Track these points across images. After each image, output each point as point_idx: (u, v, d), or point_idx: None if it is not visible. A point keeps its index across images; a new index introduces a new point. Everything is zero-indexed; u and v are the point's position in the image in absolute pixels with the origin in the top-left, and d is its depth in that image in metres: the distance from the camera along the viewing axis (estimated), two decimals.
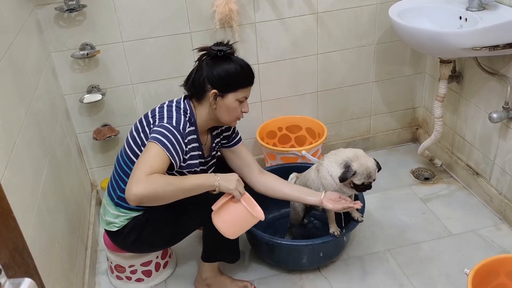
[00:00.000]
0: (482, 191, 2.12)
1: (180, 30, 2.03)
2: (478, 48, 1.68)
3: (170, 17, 2.00)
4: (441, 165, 2.37)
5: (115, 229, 1.58)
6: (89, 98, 2.02)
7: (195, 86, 1.52)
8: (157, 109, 1.52)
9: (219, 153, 1.73)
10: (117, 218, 1.58)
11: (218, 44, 1.51)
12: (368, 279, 1.79)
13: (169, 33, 2.02)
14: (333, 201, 1.62)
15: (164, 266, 1.85)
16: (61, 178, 1.74)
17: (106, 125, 2.14)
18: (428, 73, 2.40)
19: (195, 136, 1.52)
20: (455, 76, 2.13)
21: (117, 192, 1.57)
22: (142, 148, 1.47)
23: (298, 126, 2.37)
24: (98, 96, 2.02)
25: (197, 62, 1.54)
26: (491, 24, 1.65)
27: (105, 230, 1.64)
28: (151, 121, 1.49)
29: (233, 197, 1.44)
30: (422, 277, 1.78)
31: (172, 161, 1.40)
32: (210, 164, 1.66)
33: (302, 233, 2.00)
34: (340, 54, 2.26)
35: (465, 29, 1.84)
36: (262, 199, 2.01)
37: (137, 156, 1.49)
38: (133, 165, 1.50)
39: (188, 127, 1.48)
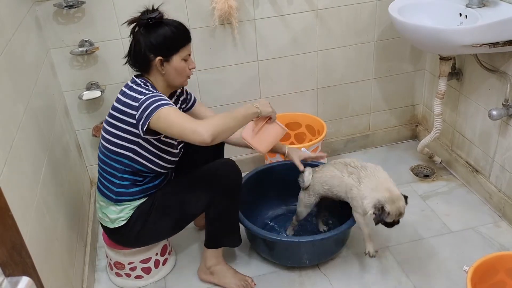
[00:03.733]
0: (481, 188, 2.12)
1: None
2: (478, 45, 1.67)
3: (169, 13, 1.97)
4: (440, 162, 2.37)
5: (123, 222, 1.58)
6: (88, 95, 2.01)
7: (139, 60, 1.53)
8: (121, 97, 1.50)
9: None
10: (122, 212, 1.58)
11: (145, 12, 1.51)
12: (367, 276, 1.79)
13: None
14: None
15: (164, 263, 1.85)
16: (60, 175, 1.73)
17: None
18: (428, 70, 2.39)
19: None
20: (455, 73, 2.12)
21: (113, 190, 1.57)
22: (125, 136, 1.48)
23: (298, 123, 2.37)
24: (97, 93, 2.02)
25: (131, 36, 1.53)
26: (491, 21, 1.65)
27: (109, 229, 1.63)
28: (128, 108, 1.46)
29: (269, 119, 1.61)
30: (421, 274, 1.78)
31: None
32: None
33: (304, 229, 2.00)
34: (340, 51, 2.26)
35: (465, 26, 1.83)
36: (265, 197, 2.05)
37: (119, 146, 1.50)
38: (116, 157, 1.52)
39: (157, 92, 1.51)
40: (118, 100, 1.51)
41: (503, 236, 1.92)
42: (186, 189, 1.62)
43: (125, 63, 1.57)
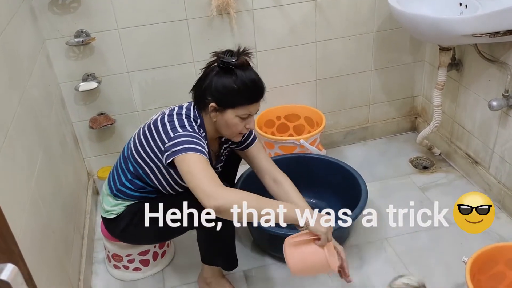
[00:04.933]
0: (481, 180, 2.11)
1: (176, 17, 2.00)
2: (478, 35, 1.65)
3: (166, 4, 1.96)
4: (439, 154, 2.36)
5: (112, 216, 1.57)
6: (84, 86, 1.99)
7: (197, 95, 1.44)
8: (166, 117, 1.42)
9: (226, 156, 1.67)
10: (116, 206, 1.56)
11: (227, 52, 1.39)
12: (366, 267, 1.79)
13: (165, 20, 1.99)
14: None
15: (162, 256, 1.84)
16: (57, 167, 1.72)
17: (102, 113, 2.12)
18: (428, 61, 2.38)
19: (206, 143, 1.45)
20: (455, 64, 2.10)
21: (117, 184, 1.55)
22: (150, 154, 1.43)
23: (297, 115, 2.35)
24: (93, 84, 2.00)
25: (204, 69, 1.44)
26: (491, 10, 1.63)
27: (102, 217, 1.62)
28: (164, 133, 1.37)
29: (317, 239, 1.31)
30: (420, 265, 1.77)
31: (205, 155, 1.31)
32: (217, 171, 1.60)
33: None
34: (339, 42, 2.23)
35: (465, 15, 1.82)
36: (264, 186, 2.02)
37: (141, 157, 1.45)
38: (134, 164, 1.49)
39: (200, 133, 1.41)
40: (162, 118, 1.43)
41: (502, 228, 1.91)
42: (176, 201, 1.45)
43: (190, 91, 1.48)
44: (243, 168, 1.86)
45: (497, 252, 1.43)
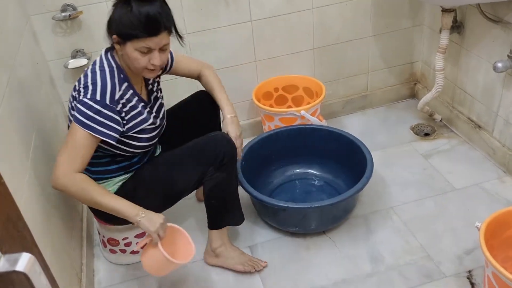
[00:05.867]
0: (484, 144, 2.08)
1: None
2: None
3: None
4: (441, 120, 2.32)
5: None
6: (74, 63, 1.90)
7: (106, 31, 1.40)
8: (82, 78, 1.38)
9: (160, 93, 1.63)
10: (109, 188, 1.50)
11: None
12: (373, 237, 1.76)
13: None
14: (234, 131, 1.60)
15: None
16: (51, 148, 1.65)
17: None
18: (427, 25, 2.31)
19: (131, 91, 1.42)
20: (456, 27, 2.04)
21: (90, 169, 1.47)
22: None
23: (295, 86, 2.29)
24: (83, 61, 1.91)
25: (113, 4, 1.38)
26: None
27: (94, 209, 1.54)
28: (77, 95, 1.35)
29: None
30: (427, 233, 1.75)
31: (107, 139, 1.33)
32: (156, 107, 1.55)
33: (305, 196, 1.97)
34: (336, 8, 2.15)
35: None
36: (270, 164, 1.99)
37: None
38: None
39: (120, 91, 1.37)
40: (80, 79, 1.39)
41: (508, 191, 1.89)
42: (173, 164, 1.52)
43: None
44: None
45: (509, 216, 1.40)
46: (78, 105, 1.32)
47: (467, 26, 2.02)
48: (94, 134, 1.31)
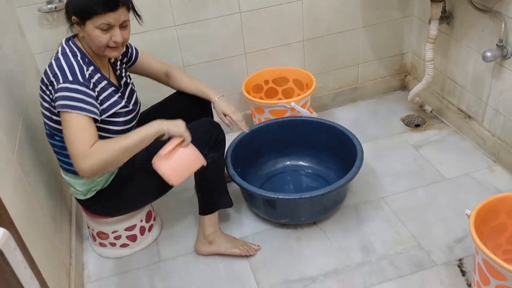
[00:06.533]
0: (474, 134, 2.09)
1: None
2: None
3: None
4: (431, 111, 2.33)
5: (100, 187, 1.49)
6: None
7: (65, 16, 1.38)
8: (47, 69, 1.36)
9: (130, 78, 1.62)
10: (92, 182, 1.48)
11: None
12: (364, 227, 1.76)
13: None
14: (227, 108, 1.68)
15: (149, 230, 1.78)
16: (37, 142, 1.63)
17: None
18: (416, 16, 2.31)
19: (99, 75, 1.41)
20: (445, 17, 2.04)
21: (70, 162, 1.42)
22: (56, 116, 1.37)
23: (285, 78, 2.28)
24: None
25: None
26: None
27: (85, 200, 1.53)
28: (51, 88, 1.34)
29: (181, 142, 1.40)
30: (418, 222, 1.75)
31: (94, 116, 1.32)
32: (128, 92, 1.54)
33: (296, 188, 1.96)
34: None
35: None
36: (260, 155, 1.98)
37: (56, 122, 1.38)
38: (60, 134, 1.40)
39: (87, 71, 1.36)
40: (46, 71, 1.36)
41: (498, 180, 1.90)
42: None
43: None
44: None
45: (499, 203, 1.40)
46: (58, 94, 1.30)
47: (456, 16, 2.02)
48: (83, 112, 1.29)
